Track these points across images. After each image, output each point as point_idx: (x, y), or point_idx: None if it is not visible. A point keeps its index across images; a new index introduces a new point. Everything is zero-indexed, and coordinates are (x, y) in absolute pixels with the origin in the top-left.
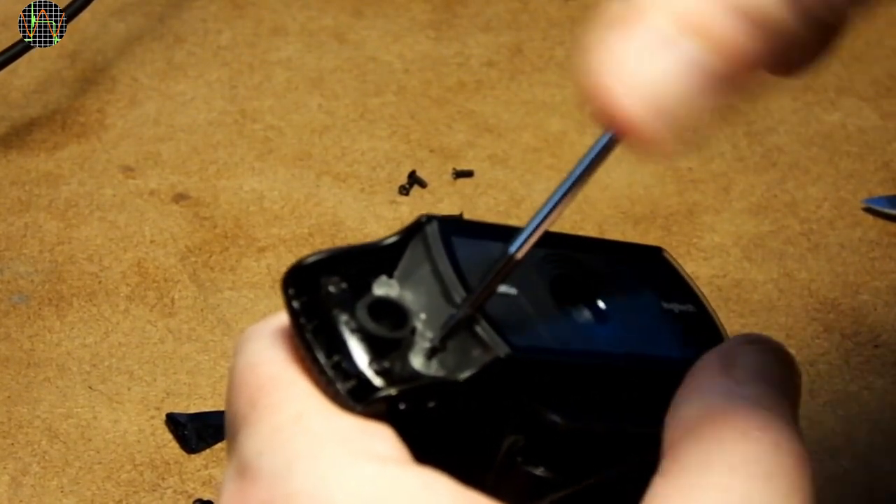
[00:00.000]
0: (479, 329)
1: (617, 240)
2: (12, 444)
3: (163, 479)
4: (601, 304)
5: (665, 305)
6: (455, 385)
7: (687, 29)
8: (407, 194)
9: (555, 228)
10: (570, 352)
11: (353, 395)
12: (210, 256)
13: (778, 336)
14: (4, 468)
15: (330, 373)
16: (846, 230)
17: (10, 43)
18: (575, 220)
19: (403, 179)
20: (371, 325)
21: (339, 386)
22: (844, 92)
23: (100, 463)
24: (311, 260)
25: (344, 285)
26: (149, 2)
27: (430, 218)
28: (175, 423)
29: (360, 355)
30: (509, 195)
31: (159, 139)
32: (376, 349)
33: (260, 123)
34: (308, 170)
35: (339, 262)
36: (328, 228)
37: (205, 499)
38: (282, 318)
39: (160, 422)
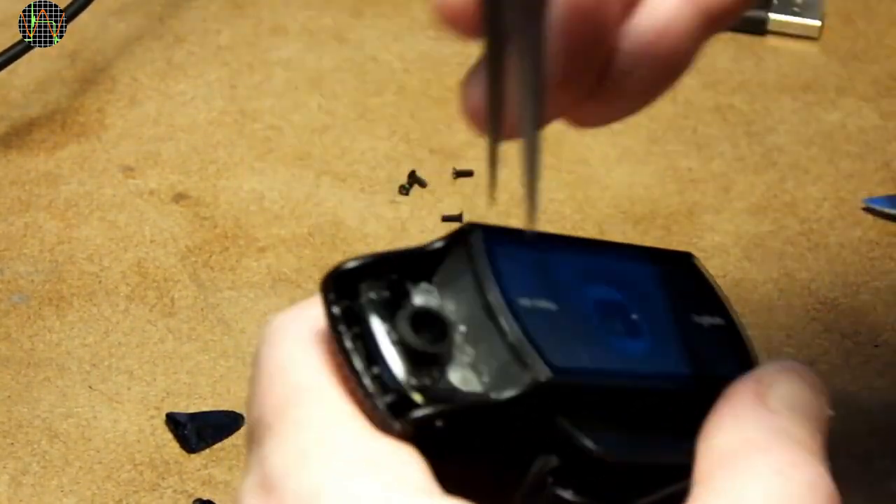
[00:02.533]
0: (519, 348)
1: (648, 245)
2: (12, 443)
3: (163, 478)
4: (635, 318)
5: (696, 319)
6: (493, 405)
7: None
8: (407, 194)
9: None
10: (608, 372)
11: (392, 411)
12: (210, 256)
13: (778, 336)
14: (4, 468)
15: (369, 385)
16: (846, 230)
17: (10, 43)
18: (575, 220)
19: (403, 179)
20: (412, 338)
21: (378, 400)
22: (844, 92)
23: (100, 462)
24: (351, 265)
25: (385, 293)
26: (149, 2)
27: (473, 226)
28: (175, 422)
29: (400, 369)
30: (509, 195)
31: (159, 139)
32: (416, 363)
33: (260, 123)
34: (308, 169)
35: (380, 268)
36: (328, 228)
37: (205, 498)
38: (315, 314)
39: (160, 421)
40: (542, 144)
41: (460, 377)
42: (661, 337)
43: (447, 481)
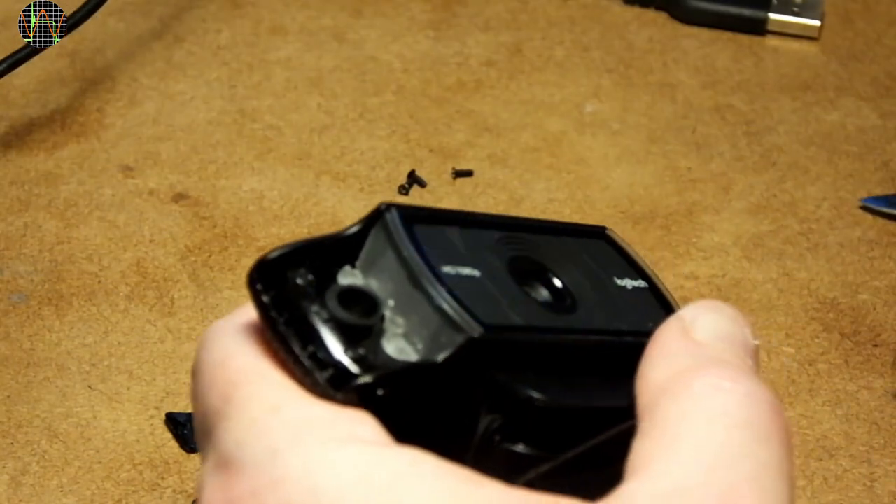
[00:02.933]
0: (449, 310)
1: (562, 221)
2: (12, 443)
3: (162, 478)
4: (557, 283)
5: (618, 282)
6: (431, 368)
7: None
8: (406, 194)
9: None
10: (539, 328)
11: (333, 384)
12: (209, 256)
13: (777, 336)
14: (4, 467)
15: (307, 363)
16: (846, 230)
17: (10, 43)
18: (575, 220)
19: (403, 179)
20: (342, 314)
21: (318, 375)
22: (844, 91)
23: (99, 462)
24: (275, 254)
25: (310, 277)
26: (149, 2)
27: (388, 206)
28: (174, 422)
29: (335, 344)
30: (508, 195)
31: (159, 139)
32: (350, 337)
33: (259, 123)
34: (307, 169)
35: (303, 255)
36: (327, 228)
37: None
38: (245, 314)
39: (160, 421)
40: None
41: (395, 348)
42: (585, 298)
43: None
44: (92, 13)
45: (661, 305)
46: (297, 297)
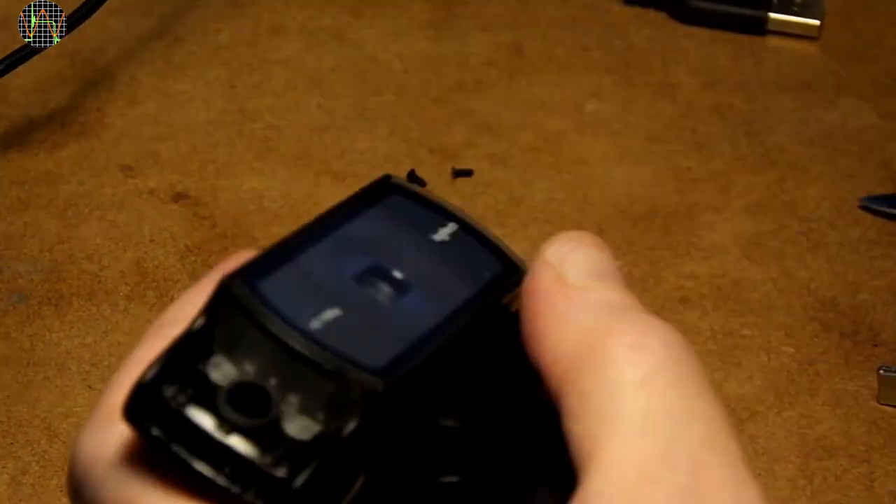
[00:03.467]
0: (339, 371)
1: (349, 197)
2: (12, 443)
3: None
4: (395, 274)
5: (435, 238)
6: (347, 439)
7: None
8: None
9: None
10: (422, 341)
11: (266, 497)
12: (209, 256)
13: (777, 335)
14: (4, 467)
15: (230, 486)
16: (845, 229)
17: (10, 43)
18: (574, 220)
19: (403, 179)
20: (243, 420)
21: (248, 495)
22: (844, 91)
23: None
24: (146, 380)
25: (186, 389)
26: (148, 2)
27: (230, 278)
28: None
29: (249, 454)
30: (508, 194)
31: (158, 138)
32: (258, 440)
33: (259, 123)
34: (307, 169)
35: (169, 370)
36: None
37: None
38: (114, 434)
39: None
40: None
41: (299, 428)
42: (423, 276)
43: None
44: (92, 13)
45: (482, 245)
46: (187, 418)
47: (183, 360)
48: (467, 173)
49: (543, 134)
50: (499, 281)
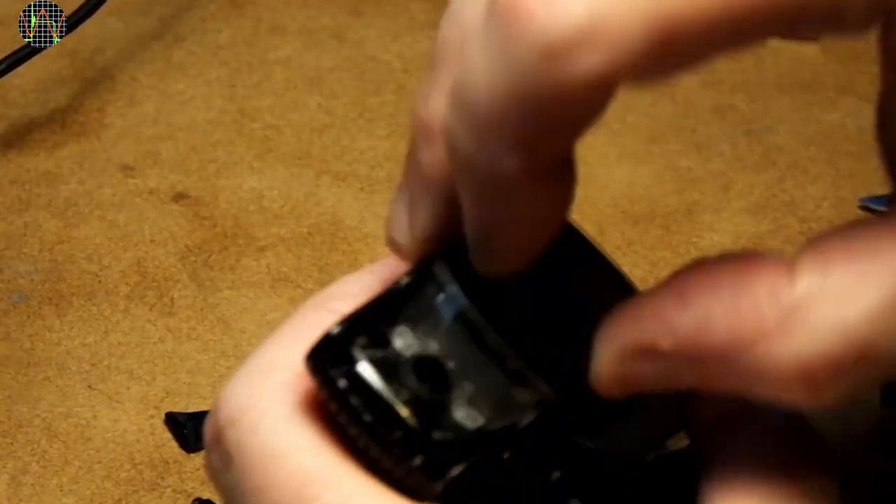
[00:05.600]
0: (518, 372)
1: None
2: (11, 443)
3: (162, 478)
4: (566, 292)
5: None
6: (512, 440)
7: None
8: None
9: None
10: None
11: (427, 472)
12: (210, 256)
13: None
14: (4, 467)
15: (397, 452)
16: None
17: (10, 42)
18: (574, 220)
19: None
20: (423, 392)
21: (411, 464)
22: (844, 91)
23: (99, 462)
24: (335, 331)
25: (374, 350)
26: (149, 1)
27: (437, 256)
28: (174, 422)
29: (418, 426)
30: None
31: (158, 138)
32: (430, 416)
33: (259, 122)
34: (307, 169)
35: (362, 324)
36: (327, 227)
37: (204, 497)
38: (284, 380)
39: (159, 421)
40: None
41: (464, 414)
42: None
43: None
44: (92, 13)
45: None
46: (368, 377)
47: (371, 323)
48: None
49: None
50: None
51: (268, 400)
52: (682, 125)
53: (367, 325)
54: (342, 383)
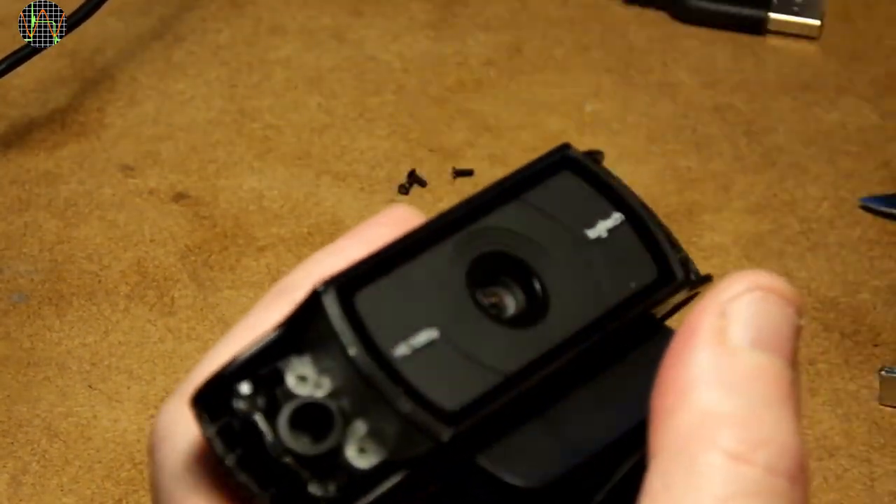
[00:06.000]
0: (409, 413)
1: (521, 168)
2: (12, 443)
3: None
4: (531, 276)
5: (591, 233)
6: (403, 482)
7: None
8: (407, 193)
9: None
10: (517, 376)
11: None
12: (210, 255)
13: None
14: (4, 467)
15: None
16: (845, 229)
17: (10, 42)
18: None
19: (403, 178)
20: (298, 446)
21: None
22: (844, 91)
23: (99, 462)
24: (219, 373)
25: (257, 394)
26: (148, 1)
27: (325, 285)
28: None
29: (299, 479)
30: None
31: (158, 138)
32: (312, 464)
33: (259, 122)
34: (307, 169)
35: (248, 365)
36: (327, 227)
37: None
38: (186, 415)
39: None
40: None
41: (358, 455)
42: (557, 284)
43: None
44: (92, 13)
45: (643, 243)
46: (245, 425)
47: (264, 359)
48: (468, 173)
49: (543, 134)
50: (646, 291)
51: (182, 432)
52: (682, 125)
53: (257, 363)
54: (211, 433)
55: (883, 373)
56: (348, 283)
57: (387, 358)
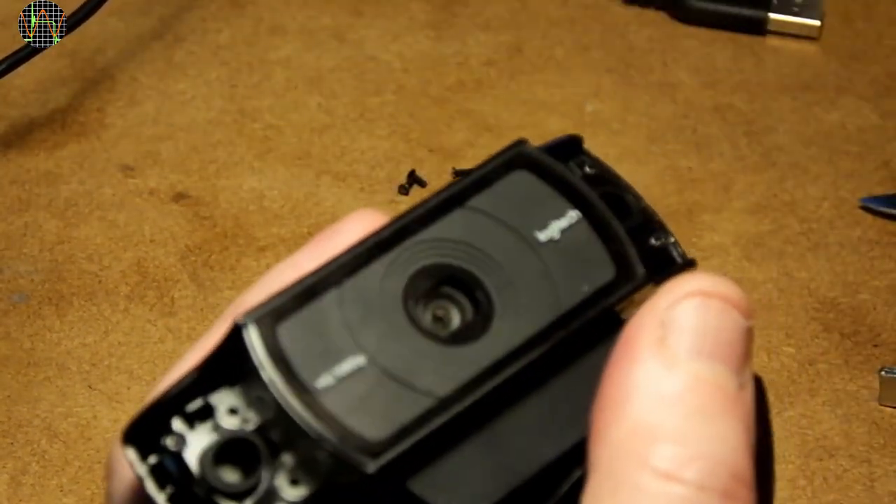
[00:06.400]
0: (333, 447)
1: (476, 168)
2: (12, 443)
3: None
4: (477, 288)
5: (543, 236)
6: None
7: None
8: (406, 194)
9: None
10: (448, 401)
11: None
12: (210, 256)
13: (777, 336)
14: (4, 467)
15: None
16: (846, 229)
17: (10, 43)
18: None
19: (403, 179)
20: (228, 479)
21: None
22: (844, 91)
23: (99, 462)
24: (148, 409)
25: (189, 433)
26: (148, 1)
27: (246, 317)
28: None
29: None
30: None
31: (159, 138)
32: (244, 498)
33: (259, 122)
34: (307, 169)
35: (178, 400)
36: (327, 227)
37: None
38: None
39: None
40: None
41: (288, 485)
42: (508, 292)
43: None
44: (92, 13)
45: (602, 241)
46: (175, 462)
47: (195, 393)
48: (468, 173)
49: (543, 134)
50: (602, 293)
51: (125, 467)
52: (682, 125)
53: (187, 397)
54: (141, 472)
55: (883, 373)
56: (269, 314)
57: (309, 390)
